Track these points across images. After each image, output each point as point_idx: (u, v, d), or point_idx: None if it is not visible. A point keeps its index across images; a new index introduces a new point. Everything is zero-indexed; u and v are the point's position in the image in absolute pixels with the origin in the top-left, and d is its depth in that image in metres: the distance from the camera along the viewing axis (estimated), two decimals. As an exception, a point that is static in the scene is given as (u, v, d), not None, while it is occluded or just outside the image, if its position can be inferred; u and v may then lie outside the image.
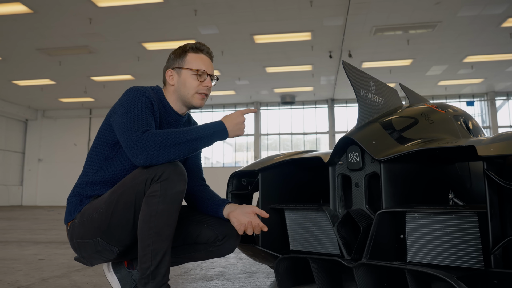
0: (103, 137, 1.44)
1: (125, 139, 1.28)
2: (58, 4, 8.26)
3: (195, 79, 1.49)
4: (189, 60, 1.51)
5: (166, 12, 8.65)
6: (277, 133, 16.59)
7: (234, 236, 1.50)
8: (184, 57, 1.52)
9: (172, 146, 1.26)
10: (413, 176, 1.54)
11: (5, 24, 9.21)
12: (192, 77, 1.49)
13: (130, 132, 1.28)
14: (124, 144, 1.29)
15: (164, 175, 1.24)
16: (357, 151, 1.50)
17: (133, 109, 1.34)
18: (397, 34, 9.63)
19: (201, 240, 1.49)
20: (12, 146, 16.89)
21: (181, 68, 1.51)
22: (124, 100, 1.38)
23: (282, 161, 1.77)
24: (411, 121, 1.67)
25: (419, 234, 1.41)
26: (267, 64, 11.97)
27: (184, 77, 1.50)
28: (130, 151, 1.26)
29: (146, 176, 1.25)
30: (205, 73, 1.50)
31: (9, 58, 11.36)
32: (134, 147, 1.25)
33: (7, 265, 2.43)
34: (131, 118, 1.32)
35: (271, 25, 9.29)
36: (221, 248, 1.49)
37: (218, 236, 1.48)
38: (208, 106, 16.70)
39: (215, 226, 1.49)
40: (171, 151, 1.26)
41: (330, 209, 1.56)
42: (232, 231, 1.49)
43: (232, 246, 1.51)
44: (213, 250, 1.49)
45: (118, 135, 1.33)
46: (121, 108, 1.36)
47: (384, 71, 12.19)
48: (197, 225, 1.49)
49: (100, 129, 1.47)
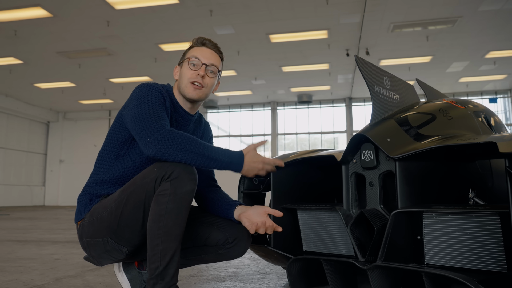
0: (114, 136, 1.43)
1: (139, 128, 1.28)
2: (77, 7, 8.41)
3: (189, 68, 1.47)
4: (189, 53, 1.50)
5: (182, 13, 8.69)
6: (294, 132, 16.50)
7: (244, 239, 1.47)
8: (187, 52, 1.52)
9: (188, 152, 1.24)
10: (430, 175, 1.48)
11: (26, 29, 9.43)
12: (187, 66, 1.47)
13: (145, 122, 1.28)
14: (137, 133, 1.29)
15: (174, 173, 1.22)
16: (371, 149, 1.45)
17: (146, 102, 1.34)
18: (416, 31, 9.43)
19: (210, 242, 1.46)
20: (35, 148, 17.31)
21: (182, 61, 1.51)
22: (136, 94, 1.38)
23: (294, 160, 1.72)
24: (428, 118, 1.61)
25: (437, 235, 1.35)
26: (284, 64, 11.91)
27: (182, 69, 1.50)
28: (143, 140, 1.26)
29: (156, 175, 1.23)
30: (200, 61, 1.46)
31: (30, 62, 11.63)
32: (150, 136, 1.25)
33: (24, 264, 2.46)
34: (145, 109, 1.31)
35: (287, 24, 9.23)
36: (231, 251, 1.46)
37: (228, 238, 1.45)
38: (225, 106, 16.75)
39: (225, 228, 1.46)
40: (185, 156, 1.24)
41: (344, 209, 1.51)
42: (243, 233, 1.46)
43: (242, 249, 1.48)
44: (223, 252, 1.46)
45: (131, 126, 1.32)
46: (133, 102, 1.36)
47: (403, 69, 11.97)
48: (207, 227, 1.47)
49: (111, 128, 1.46)
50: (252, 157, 1.37)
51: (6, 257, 2.73)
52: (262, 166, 1.38)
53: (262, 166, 1.38)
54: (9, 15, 8.77)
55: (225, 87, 14.39)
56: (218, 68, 1.51)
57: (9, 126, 16.04)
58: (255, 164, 1.36)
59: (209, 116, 17.16)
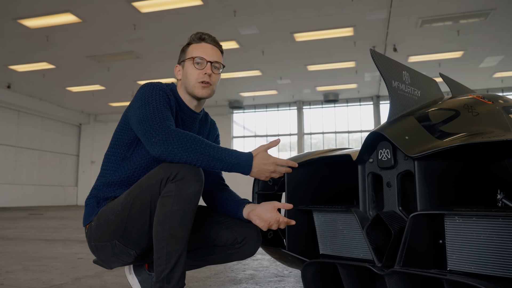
0: (120, 137, 1.42)
1: (144, 128, 1.26)
2: (104, 12, 8.61)
3: (194, 67, 1.44)
4: (190, 51, 1.47)
5: (206, 14, 8.74)
6: (320, 132, 16.31)
7: (254, 238, 1.43)
8: (187, 50, 1.49)
9: (193, 153, 1.22)
10: (453, 175, 1.39)
11: (57, 34, 9.74)
12: (191, 66, 1.45)
13: (150, 122, 1.26)
14: (142, 133, 1.27)
15: (179, 174, 1.20)
16: (388, 148, 1.37)
17: (151, 101, 1.32)
18: (446, 25, 9.10)
19: (219, 242, 1.43)
20: (68, 149, 17.92)
21: (184, 60, 1.48)
22: (140, 94, 1.36)
23: (310, 159, 1.66)
24: (452, 114, 1.51)
25: (460, 239, 1.26)
26: (309, 62, 11.78)
27: (186, 68, 1.47)
28: (149, 140, 1.24)
29: (162, 176, 1.21)
30: (204, 60, 1.44)
31: (62, 66, 12.02)
32: (155, 136, 1.23)
33: (47, 263, 2.51)
34: (150, 109, 1.30)
35: (312, 22, 9.12)
36: (241, 250, 1.43)
37: (237, 238, 1.41)
38: (250, 107, 16.75)
39: (234, 228, 1.43)
40: (190, 156, 1.22)
41: (360, 211, 1.44)
42: (252, 233, 1.42)
43: (252, 249, 1.44)
44: (232, 252, 1.43)
45: (136, 126, 1.31)
46: (138, 102, 1.34)
47: (433, 65, 11.59)
48: (216, 227, 1.44)
49: (116, 129, 1.45)
50: (262, 158, 1.31)
51: (32, 256, 2.80)
52: (274, 168, 1.31)
53: (274, 168, 1.31)
54: (41, 21, 9.09)
55: (250, 87, 14.40)
56: (221, 63, 1.50)
57: (44, 128, 16.66)
58: (265, 166, 1.30)
59: (234, 117, 17.22)
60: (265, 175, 1.32)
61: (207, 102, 9.71)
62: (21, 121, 15.65)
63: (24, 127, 15.80)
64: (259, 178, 1.33)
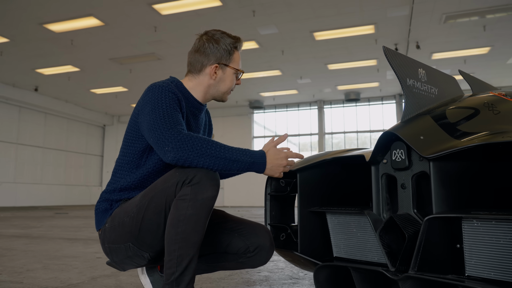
0: (132, 145, 1.39)
1: (156, 136, 1.24)
2: (126, 15, 8.76)
3: (234, 79, 1.50)
4: (235, 59, 1.49)
5: (225, 15, 8.77)
6: (342, 131, 16.12)
7: (266, 248, 1.41)
8: (232, 54, 1.48)
9: (209, 157, 1.21)
10: (471, 176, 1.33)
11: (81, 38, 9.97)
12: (233, 76, 1.49)
13: (161, 129, 1.24)
14: (154, 141, 1.25)
15: (195, 178, 1.19)
16: (402, 148, 1.32)
17: (160, 105, 1.29)
18: (472, 20, 8.82)
19: (231, 250, 1.41)
20: (92, 150, 18.35)
21: (227, 65, 1.47)
22: (149, 98, 1.32)
23: (323, 160, 1.63)
24: (470, 112, 1.45)
25: (480, 243, 1.20)
26: (329, 61, 11.66)
27: (227, 75, 1.48)
28: (162, 148, 1.22)
29: (177, 179, 1.20)
30: (242, 73, 1.52)
31: (86, 69, 12.31)
32: (168, 144, 1.21)
33: (67, 262, 2.56)
34: (160, 115, 1.27)
35: (331, 20, 9.02)
36: (252, 260, 1.41)
37: (249, 247, 1.39)
38: (271, 106, 16.72)
39: (247, 237, 1.41)
40: (206, 161, 1.21)
41: (373, 213, 1.40)
42: (265, 242, 1.40)
43: (264, 259, 1.42)
44: (243, 261, 1.41)
45: (147, 134, 1.29)
46: (147, 107, 1.31)
47: (458, 62, 11.28)
48: (228, 234, 1.42)
49: (127, 135, 1.41)
50: (274, 154, 1.33)
51: (53, 255, 2.87)
52: (286, 162, 1.34)
53: (287, 162, 1.34)
54: (66, 25, 9.33)
55: (270, 87, 14.36)
56: None
57: (69, 130, 17.11)
58: (278, 160, 1.31)
59: (255, 117, 17.23)
60: (279, 170, 1.34)
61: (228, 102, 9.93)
62: (48, 123, 16.12)
63: (50, 129, 16.26)
64: (273, 175, 1.33)
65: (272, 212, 1.76)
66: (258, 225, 1.46)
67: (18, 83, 13.92)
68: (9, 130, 14.63)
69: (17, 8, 8.39)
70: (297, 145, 17.32)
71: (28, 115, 15.30)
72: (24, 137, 15.18)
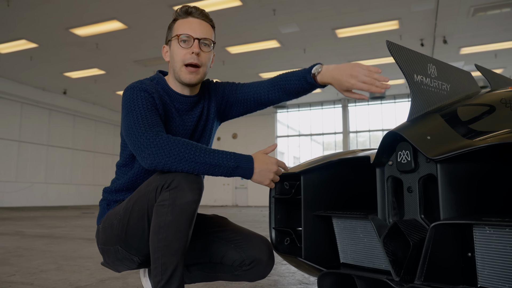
0: (124, 147, 1.38)
1: (132, 142, 1.19)
2: (147, 17, 8.88)
3: (180, 47, 1.28)
4: (176, 28, 1.31)
5: (245, 15, 8.75)
6: (367, 130, 15.81)
7: (263, 262, 1.33)
8: (172, 27, 1.33)
9: (187, 162, 1.13)
10: (482, 180, 1.23)
11: (106, 41, 10.19)
12: (177, 45, 1.28)
13: (136, 134, 1.18)
14: (132, 147, 1.20)
15: (174, 182, 1.12)
16: (407, 149, 1.24)
17: (134, 108, 1.22)
18: (503, 12, 8.44)
19: (226, 261, 1.35)
20: (119, 151, 18.75)
21: (170, 39, 1.33)
22: (123, 101, 1.27)
23: (328, 162, 1.56)
24: (485, 110, 1.34)
25: (493, 252, 1.11)
26: (353, 58, 11.45)
27: (172, 48, 1.31)
28: (139, 154, 1.17)
29: (157, 183, 1.15)
30: (191, 37, 1.27)
31: (112, 72, 12.58)
32: (144, 150, 1.15)
33: (80, 263, 2.59)
34: (134, 119, 1.20)
35: (354, 17, 8.84)
36: (249, 273, 1.34)
37: (244, 260, 1.32)
38: (294, 105, 16.59)
39: (243, 248, 1.33)
40: (185, 166, 1.13)
41: (378, 218, 1.32)
42: (263, 256, 1.32)
43: (261, 273, 1.35)
44: (239, 274, 1.34)
45: (126, 139, 1.23)
46: (123, 110, 1.26)
47: (488, 56, 10.83)
48: (224, 244, 1.35)
49: (121, 137, 1.39)
50: (263, 159, 1.21)
51: (69, 255, 2.91)
52: (276, 168, 1.21)
53: (276, 168, 1.21)
54: (91, 29, 9.56)
55: (293, 86, 14.24)
56: (212, 39, 1.32)
57: (97, 131, 17.56)
58: (267, 165, 1.20)
59: (278, 116, 17.14)
60: (269, 177, 1.21)
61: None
62: (76, 125, 16.59)
63: (79, 131, 16.74)
64: (262, 182, 1.22)
65: (277, 215, 1.70)
66: (257, 237, 1.38)
67: (47, 87, 14.39)
68: (40, 133, 15.15)
69: (45, 14, 8.66)
70: (321, 144, 17.13)
71: (58, 118, 15.80)
72: (54, 139, 15.69)
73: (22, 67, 12.10)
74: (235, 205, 17.61)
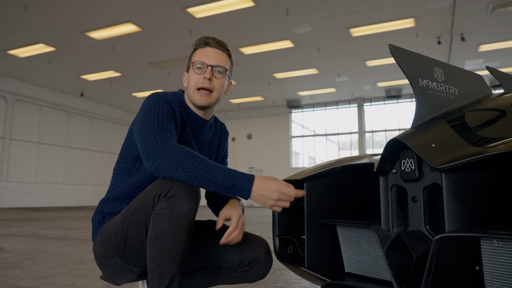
0: (126, 152, 1.39)
1: (142, 141, 1.21)
2: (162, 20, 8.94)
3: (194, 73, 1.37)
4: (193, 56, 1.40)
5: (258, 15, 8.72)
6: (383, 129, 15.59)
7: (262, 261, 1.32)
8: (191, 56, 1.42)
9: (185, 172, 1.13)
10: (490, 189, 1.17)
11: (121, 44, 10.31)
12: (192, 71, 1.38)
13: (148, 135, 1.20)
14: (140, 147, 1.22)
15: (171, 191, 1.12)
16: (411, 157, 1.19)
17: (153, 113, 1.27)
18: (523, 8, 8.20)
19: (225, 264, 1.34)
20: (136, 152, 18.99)
21: (189, 67, 1.42)
22: (144, 106, 1.31)
23: (332, 169, 1.52)
24: (495, 115, 1.28)
25: (502, 266, 1.05)
26: (367, 58, 11.30)
27: (189, 74, 1.40)
28: (145, 155, 1.18)
29: (155, 193, 1.15)
30: (205, 64, 1.35)
31: (127, 74, 12.72)
32: (151, 151, 1.17)
33: (89, 267, 2.60)
34: (150, 122, 1.24)
35: (368, 15, 8.72)
36: (248, 274, 1.33)
37: (243, 261, 1.32)
38: (309, 105, 16.49)
39: (241, 249, 1.33)
40: (181, 175, 1.14)
41: (381, 229, 1.27)
42: (261, 255, 1.32)
43: (260, 273, 1.34)
44: (238, 275, 1.34)
45: (136, 139, 1.26)
46: (141, 114, 1.30)
47: (509, 53, 10.54)
48: (222, 247, 1.34)
49: (124, 143, 1.42)
50: (265, 183, 1.16)
51: (80, 259, 2.93)
52: (277, 196, 1.15)
53: (278, 196, 1.15)
54: (106, 32, 9.68)
55: (308, 86, 14.15)
56: (225, 67, 1.39)
57: (114, 132, 17.80)
58: (267, 192, 1.15)
59: (293, 116, 17.05)
60: (269, 203, 1.16)
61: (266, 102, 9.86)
62: (93, 126, 16.86)
63: (96, 132, 17.00)
64: (265, 205, 1.18)
65: (281, 223, 1.66)
66: (254, 238, 1.39)
67: (65, 89, 14.66)
68: (59, 134, 15.45)
69: (61, 18, 8.81)
70: (337, 144, 16.97)
71: (76, 119, 16.08)
72: (72, 141, 15.97)
73: (40, 70, 12.36)
74: (250, 205, 17.60)
